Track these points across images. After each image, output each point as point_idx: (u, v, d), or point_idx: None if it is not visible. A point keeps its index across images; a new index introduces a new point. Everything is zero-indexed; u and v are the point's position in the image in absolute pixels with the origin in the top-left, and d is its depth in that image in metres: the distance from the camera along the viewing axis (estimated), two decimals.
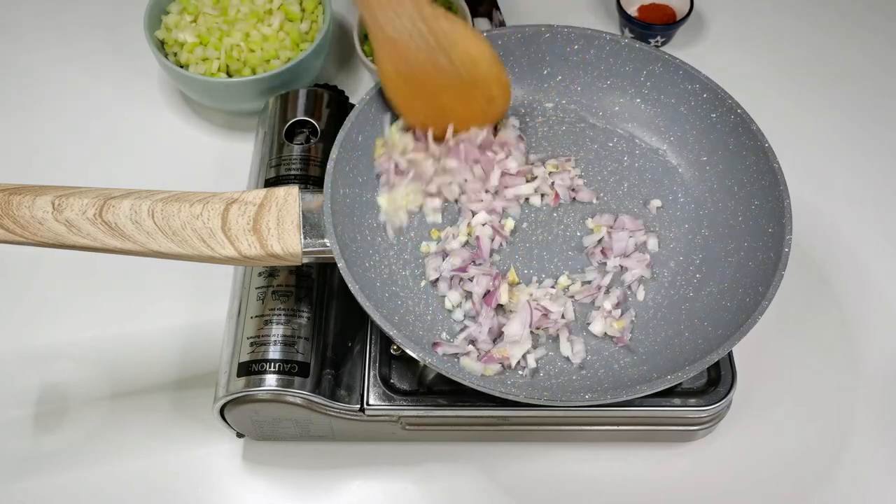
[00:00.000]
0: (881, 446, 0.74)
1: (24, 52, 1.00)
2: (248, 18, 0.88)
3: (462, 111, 0.72)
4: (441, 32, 0.69)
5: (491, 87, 0.72)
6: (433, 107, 0.72)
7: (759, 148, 0.69)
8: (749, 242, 0.68)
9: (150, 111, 0.95)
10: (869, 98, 0.96)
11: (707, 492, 0.72)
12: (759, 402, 0.75)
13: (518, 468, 0.73)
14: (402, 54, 0.69)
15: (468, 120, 0.73)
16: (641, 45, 0.74)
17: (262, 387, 0.64)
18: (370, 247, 0.70)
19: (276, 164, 0.76)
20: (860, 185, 0.89)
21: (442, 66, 0.70)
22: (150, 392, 0.76)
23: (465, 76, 0.71)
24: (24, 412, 0.75)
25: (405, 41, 0.69)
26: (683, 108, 0.75)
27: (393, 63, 0.70)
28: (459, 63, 0.70)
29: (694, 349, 0.64)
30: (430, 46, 0.69)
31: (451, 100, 0.72)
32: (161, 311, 0.80)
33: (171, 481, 0.72)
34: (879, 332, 0.79)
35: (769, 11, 1.04)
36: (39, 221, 0.57)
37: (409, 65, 0.70)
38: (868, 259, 0.84)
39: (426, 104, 0.72)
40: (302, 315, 0.67)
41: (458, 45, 0.70)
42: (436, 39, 0.69)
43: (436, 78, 0.70)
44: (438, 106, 0.72)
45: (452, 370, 0.61)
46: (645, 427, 0.71)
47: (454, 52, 0.70)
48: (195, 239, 0.60)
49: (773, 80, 0.97)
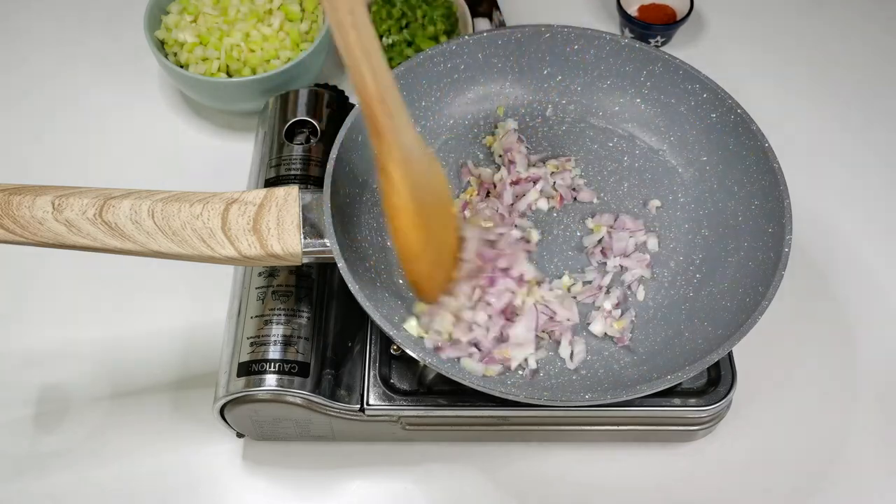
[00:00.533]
0: (881, 446, 0.73)
1: (25, 52, 1.00)
2: (248, 18, 0.88)
3: (447, 253, 0.65)
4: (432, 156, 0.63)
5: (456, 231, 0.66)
6: (431, 247, 0.63)
7: (759, 148, 0.69)
8: (749, 242, 0.68)
9: (150, 111, 0.95)
10: (869, 98, 0.96)
11: (707, 492, 0.72)
12: (759, 402, 0.75)
13: (518, 468, 0.73)
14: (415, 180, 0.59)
15: (449, 265, 0.66)
16: (641, 45, 0.74)
17: (262, 387, 0.64)
18: (370, 247, 0.70)
19: (276, 164, 0.76)
20: (860, 184, 0.89)
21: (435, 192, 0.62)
22: (150, 392, 0.76)
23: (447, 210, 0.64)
24: (24, 412, 0.75)
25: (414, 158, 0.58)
26: (683, 108, 0.75)
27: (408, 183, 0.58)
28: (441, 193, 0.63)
29: (694, 349, 0.64)
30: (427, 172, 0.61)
31: (442, 238, 0.64)
32: (161, 311, 0.80)
33: (171, 481, 0.72)
34: (879, 332, 0.79)
35: (769, 11, 1.04)
36: (39, 221, 0.57)
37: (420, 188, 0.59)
38: (868, 259, 0.84)
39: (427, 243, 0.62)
40: (302, 315, 0.67)
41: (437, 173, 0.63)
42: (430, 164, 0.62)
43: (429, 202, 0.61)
44: (434, 248, 0.63)
45: (453, 370, 0.61)
46: (645, 427, 0.71)
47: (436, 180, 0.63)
48: (195, 239, 0.60)
49: (773, 80, 0.97)
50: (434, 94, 0.76)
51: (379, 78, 0.53)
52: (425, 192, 0.60)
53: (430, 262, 0.63)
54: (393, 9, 0.91)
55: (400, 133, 0.56)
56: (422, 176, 0.60)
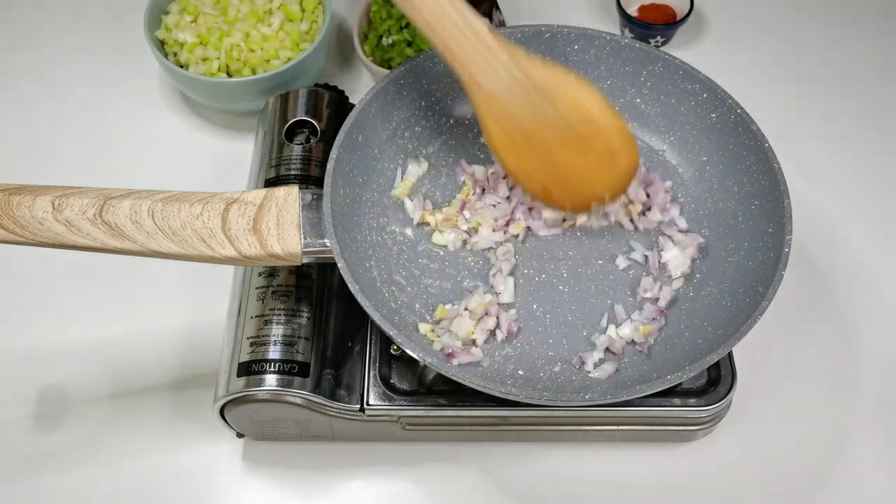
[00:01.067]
0: (881, 446, 0.73)
1: (24, 52, 1.00)
2: (248, 18, 0.88)
3: (581, 167, 0.66)
4: (542, 82, 0.63)
5: (609, 138, 0.65)
6: (548, 166, 0.66)
7: (759, 148, 0.69)
8: (749, 242, 0.68)
9: (150, 111, 0.95)
10: (870, 97, 0.96)
11: (707, 492, 0.72)
12: (759, 402, 0.75)
13: (518, 468, 0.73)
14: (505, 110, 0.64)
15: (591, 178, 0.67)
16: (641, 45, 0.74)
17: (262, 387, 0.64)
18: (370, 247, 0.70)
19: (276, 164, 0.76)
20: (860, 184, 0.89)
21: (549, 118, 0.64)
22: (150, 392, 0.76)
23: (578, 127, 0.64)
24: (24, 412, 0.75)
25: (504, 94, 0.63)
26: (683, 108, 0.74)
27: (497, 121, 0.64)
28: (567, 114, 0.64)
29: (694, 349, 0.64)
30: (532, 98, 0.63)
31: (567, 156, 0.65)
32: (161, 311, 0.80)
33: (171, 481, 0.72)
34: (879, 332, 0.79)
35: (769, 11, 1.04)
36: (39, 221, 0.57)
37: (514, 121, 0.64)
38: (868, 259, 0.84)
39: (540, 164, 0.66)
40: (302, 315, 0.67)
41: (563, 93, 0.64)
42: (537, 90, 0.63)
43: (545, 133, 0.64)
44: (554, 164, 0.66)
45: (453, 370, 0.61)
46: (645, 427, 0.71)
47: (560, 102, 0.64)
48: (195, 239, 0.60)
49: (774, 80, 0.97)
50: (434, 94, 0.76)
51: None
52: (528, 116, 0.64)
53: (550, 179, 0.67)
54: (393, 9, 0.91)
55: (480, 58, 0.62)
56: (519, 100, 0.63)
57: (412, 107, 0.76)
